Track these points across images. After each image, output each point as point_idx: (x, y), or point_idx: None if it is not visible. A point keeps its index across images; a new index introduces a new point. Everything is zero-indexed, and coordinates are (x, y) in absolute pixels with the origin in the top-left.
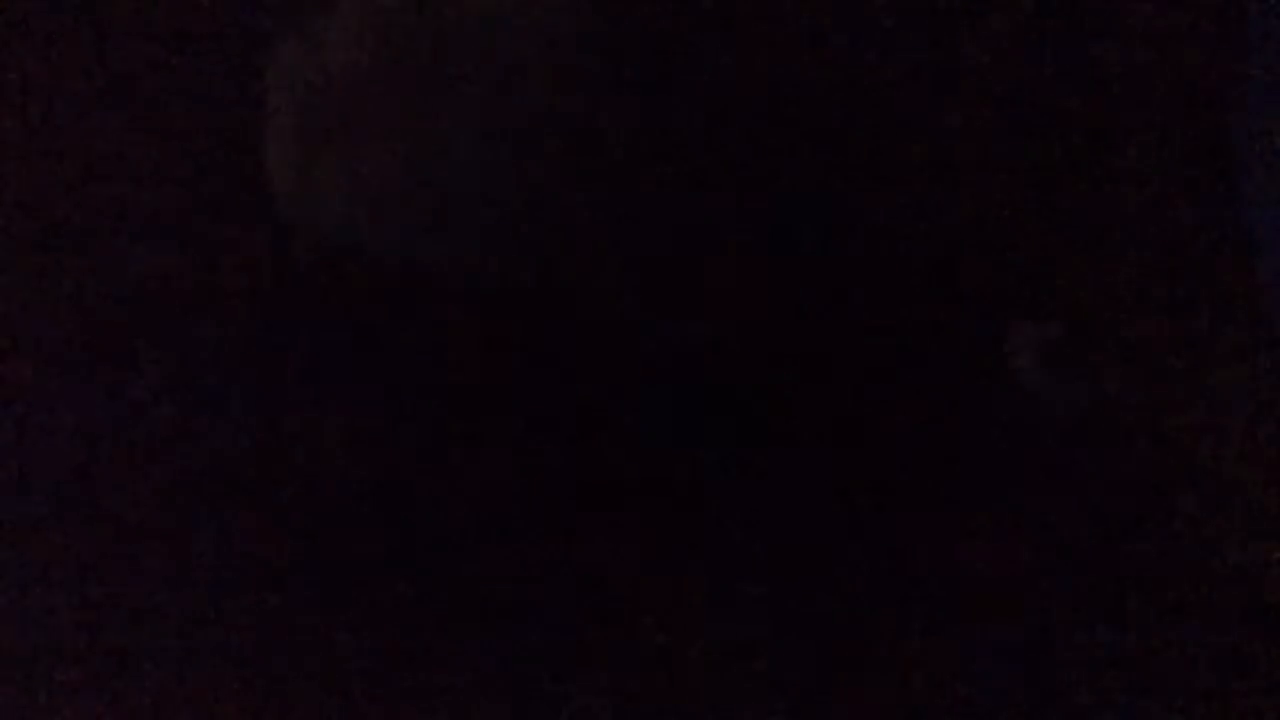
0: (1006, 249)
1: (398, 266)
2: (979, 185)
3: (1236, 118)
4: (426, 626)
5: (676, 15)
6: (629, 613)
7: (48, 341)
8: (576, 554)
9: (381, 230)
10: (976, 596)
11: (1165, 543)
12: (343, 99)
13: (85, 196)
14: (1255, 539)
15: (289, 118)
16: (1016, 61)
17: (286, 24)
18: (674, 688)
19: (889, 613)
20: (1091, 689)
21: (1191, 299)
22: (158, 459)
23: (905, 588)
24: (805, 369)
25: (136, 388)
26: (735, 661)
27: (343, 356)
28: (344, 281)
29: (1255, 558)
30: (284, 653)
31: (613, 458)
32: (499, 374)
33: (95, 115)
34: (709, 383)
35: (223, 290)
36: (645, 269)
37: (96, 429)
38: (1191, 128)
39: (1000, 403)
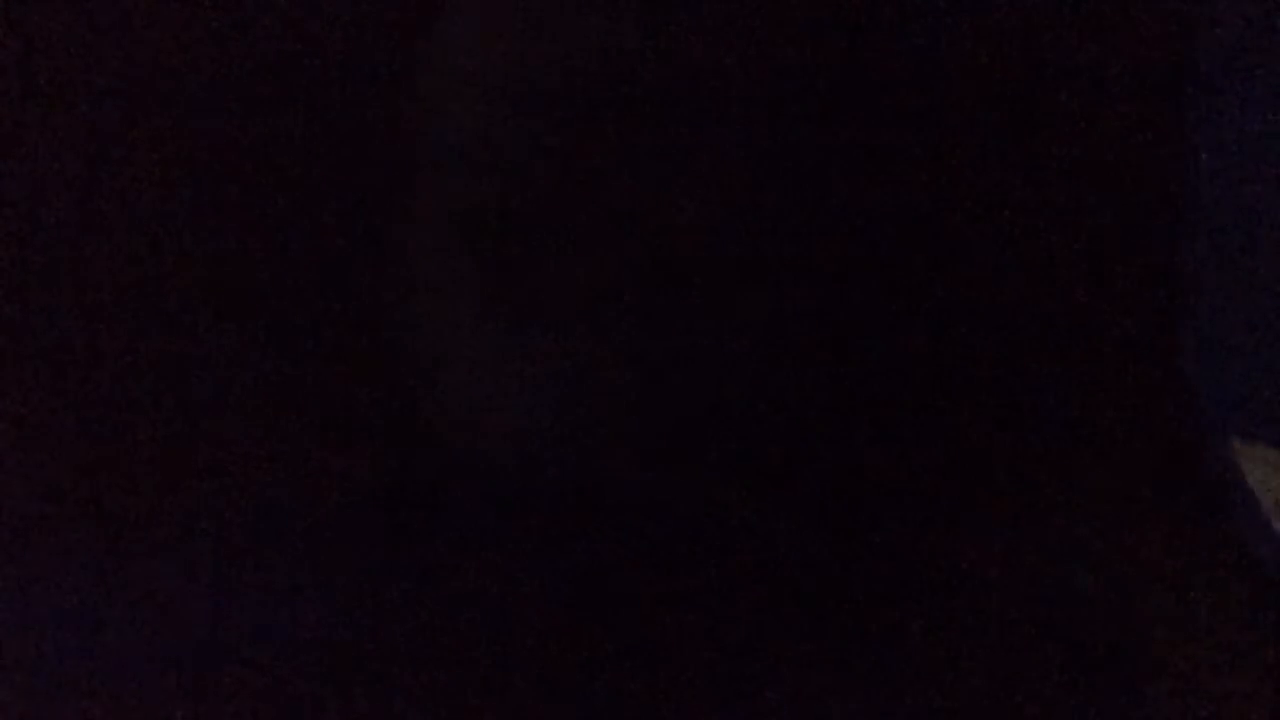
0: (1007, 249)
1: None
2: (980, 184)
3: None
4: (426, 626)
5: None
6: (628, 613)
7: (48, 342)
8: (575, 553)
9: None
10: (976, 596)
11: (1164, 538)
12: None
13: (85, 196)
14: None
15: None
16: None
17: None
18: (674, 688)
19: (889, 613)
20: (1089, 687)
21: None
22: (158, 460)
23: (905, 588)
24: (804, 372)
25: (136, 388)
26: (736, 661)
27: (343, 355)
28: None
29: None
30: (283, 653)
31: (614, 461)
32: None
33: (95, 115)
34: (709, 383)
35: (223, 290)
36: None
37: (97, 428)
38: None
39: (1001, 403)
